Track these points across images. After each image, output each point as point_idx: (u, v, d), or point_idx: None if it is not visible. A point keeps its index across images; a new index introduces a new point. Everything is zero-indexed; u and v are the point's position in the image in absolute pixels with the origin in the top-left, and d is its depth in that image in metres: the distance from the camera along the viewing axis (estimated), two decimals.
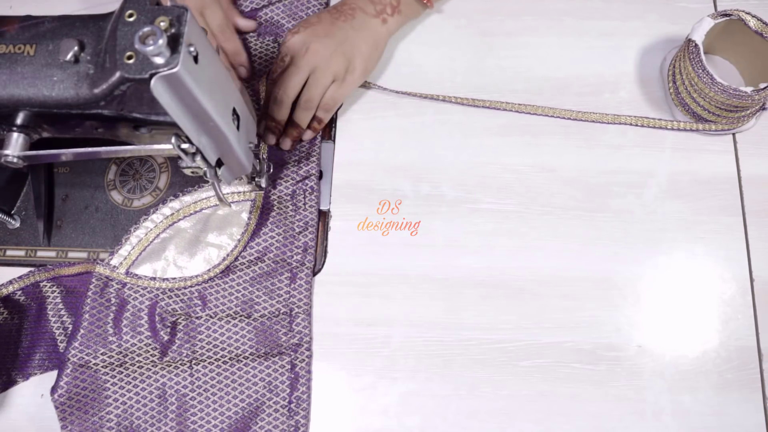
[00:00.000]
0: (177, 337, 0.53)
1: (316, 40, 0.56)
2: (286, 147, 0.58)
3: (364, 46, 0.58)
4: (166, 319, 0.54)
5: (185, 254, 0.55)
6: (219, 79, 0.42)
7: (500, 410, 0.52)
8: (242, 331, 0.54)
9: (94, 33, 0.39)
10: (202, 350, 0.53)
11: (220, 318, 0.54)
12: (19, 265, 0.58)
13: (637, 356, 0.52)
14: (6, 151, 0.42)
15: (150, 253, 0.55)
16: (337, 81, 0.57)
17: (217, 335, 0.54)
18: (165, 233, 0.56)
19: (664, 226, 0.56)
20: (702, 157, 0.58)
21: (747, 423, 0.50)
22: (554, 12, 0.63)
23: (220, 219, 0.56)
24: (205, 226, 0.56)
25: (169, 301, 0.54)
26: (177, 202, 0.56)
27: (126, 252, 0.55)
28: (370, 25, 0.58)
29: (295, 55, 0.56)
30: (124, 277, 0.54)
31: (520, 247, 0.56)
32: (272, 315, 0.54)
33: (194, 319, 0.54)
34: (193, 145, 0.42)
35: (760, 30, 0.53)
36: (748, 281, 0.54)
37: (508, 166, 0.58)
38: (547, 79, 0.61)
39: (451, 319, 0.54)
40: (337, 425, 0.52)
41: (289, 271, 0.55)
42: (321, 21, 0.57)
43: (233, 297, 0.55)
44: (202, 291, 0.55)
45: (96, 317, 0.53)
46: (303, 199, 0.57)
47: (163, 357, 0.53)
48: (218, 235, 0.56)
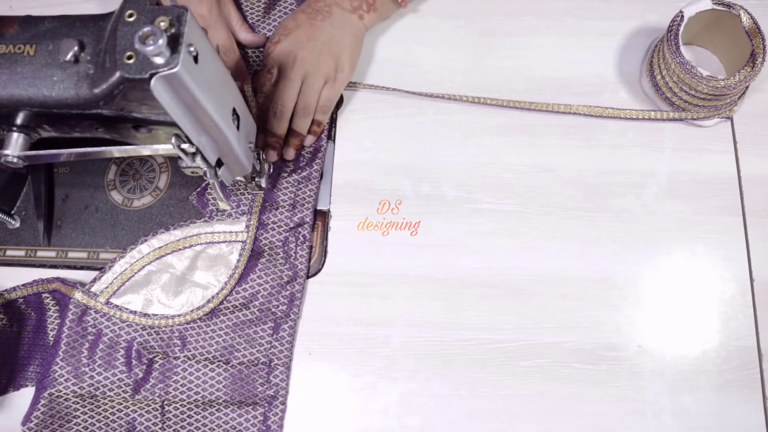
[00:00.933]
0: (152, 376, 0.52)
1: (300, 46, 0.55)
2: (290, 157, 0.58)
3: (347, 42, 0.58)
4: (143, 355, 0.52)
5: (170, 291, 0.54)
6: (219, 79, 0.42)
7: (500, 410, 0.52)
8: (219, 377, 0.52)
9: (94, 33, 0.39)
10: (176, 392, 0.52)
11: (198, 361, 0.53)
12: (19, 265, 0.58)
13: (637, 356, 0.52)
14: (6, 151, 0.42)
15: (133, 285, 0.54)
16: (330, 82, 0.57)
17: (192, 378, 0.52)
18: (151, 266, 0.55)
19: (664, 226, 0.56)
20: (702, 157, 0.58)
21: (747, 423, 0.50)
22: (554, 12, 0.63)
23: (209, 258, 0.55)
24: (193, 263, 0.55)
25: (147, 337, 0.53)
26: (167, 235, 0.55)
27: (108, 280, 0.54)
28: (349, 20, 0.58)
29: (282, 65, 0.56)
30: (103, 307, 0.53)
31: (520, 247, 0.56)
32: (251, 364, 0.53)
33: (171, 359, 0.53)
34: (193, 145, 0.42)
35: (748, 29, 0.53)
36: (748, 281, 0.54)
37: (508, 166, 0.58)
38: (547, 79, 0.61)
39: (451, 319, 0.54)
40: (337, 425, 0.52)
41: (273, 321, 0.54)
42: (300, 25, 0.57)
43: (213, 341, 0.53)
44: (183, 331, 0.54)
45: (71, 346, 0.52)
46: (294, 248, 0.55)
47: (135, 394, 0.52)
48: (205, 275, 0.55)
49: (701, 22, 0.56)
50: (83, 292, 0.53)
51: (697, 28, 0.56)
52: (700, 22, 0.56)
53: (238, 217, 0.56)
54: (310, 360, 0.54)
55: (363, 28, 0.59)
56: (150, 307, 0.54)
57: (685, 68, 0.53)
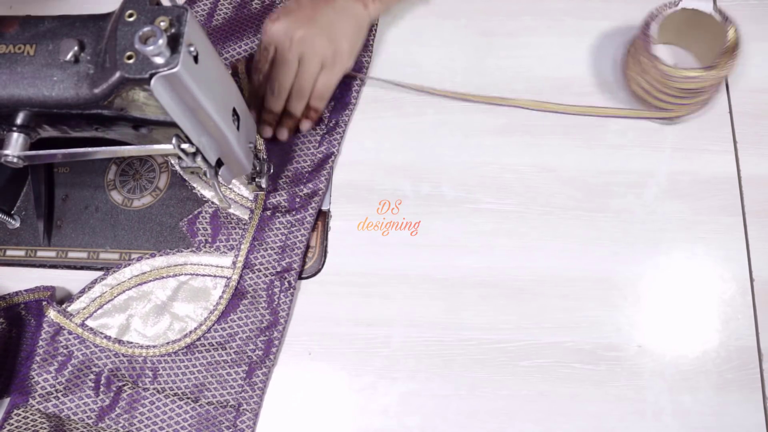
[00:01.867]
0: (118, 405, 0.51)
1: (299, 27, 0.54)
2: (283, 137, 0.57)
3: (349, 29, 0.57)
4: (113, 382, 0.52)
5: (148, 320, 0.54)
6: (219, 79, 0.42)
7: (500, 410, 0.51)
8: (185, 414, 0.51)
9: (94, 33, 0.39)
10: (140, 424, 0.51)
11: (167, 395, 0.52)
12: (19, 265, 0.58)
13: (637, 356, 0.52)
14: (6, 151, 0.42)
15: (111, 310, 0.54)
16: (327, 67, 0.56)
17: (159, 412, 0.51)
18: (132, 291, 0.54)
19: (664, 226, 0.56)
20: (702, 157, 0.58)
21: (747, 423, 0.50)
22: (554, 12, 0.63)
23: (192, 291, 0.55)
24: (175, 294, 0.54)
25: (119, 364, 0.52)
26: (153, 260, 0.55)
27: (86, 302, 0.53)
28: (353, 9, 0.57)
29: (279, 45, 0.55)
30: (77, 329, 0.52)
31: (520, 247, 0.56)
32: (219, 405, 0.51)
33: (141, 389, 0.52)
34: (193, 145, 0.42)
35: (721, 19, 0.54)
36: (748, 281, 0.54)
37: (508, 166, 0.58)
38: (547, 79, 0.61)
39: (451, 319, 0.54)
40: (337, 425, 0.52)
41: (248, 365, 0.52)
42: (301, 6, 0.56)
43: (185, 377, 0.52)
44: (156, 363, 0.53)
45: (40, 365, 0.51)
46: (279, 293, 0.54)
47: (99, 422, 0.51)
48: (186, 307, 0.54)
49: (677, 22, 0.56)
50: (58, 312, 0.53)
51: (674, 28, 0.57)
52: (677, 22, 0.56)
53: (225, 252, 0.55)
54: (310, 360, 0.54)
55: (367, 17, 0.58)
56: (126, 334, 0.53)
57: (651, 59, 0.53)
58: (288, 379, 0.54)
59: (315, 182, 0.57)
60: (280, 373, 0.54)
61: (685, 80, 0.53)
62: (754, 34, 0.61)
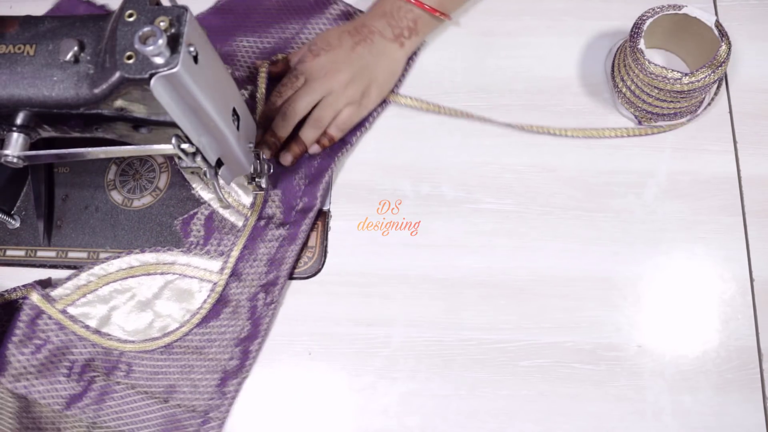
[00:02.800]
0: (87, 395, 0.51)
1: (335, 65, 0.56)
2: (287, 163, 0.57)
3: (382, 74, 0.58)
4: (86, 372, 0.51)
5: (129, 315, 0.54)
6: (219, 79, 0.42)
7: (500, 410, 0.51)
8: (153, 413, 0.51)
9: (94, 33, 0.39)
10: (107, 417, 0.51)
11: (138, 392, 0.51)
12: (19, 265, 0.58)
13: (637, 356, 0.52)
14: (6, 151, 0.42)
15: (93, 300, 0.54)
16: (352, 105, 0.57)
17: (127, 407, 0.51)
18: (117, 284, 0.54)
19: (664, 226, 0.56)
20: (702, 157, 0.58)
21: (747, 423, 0.50)
22: (554, 12, 0.63)
23: (178, 291, 0.54)
24: (160, 292, 0.54)
25: (95, 355, 0.52)
26: (142, 256, 0.55)
27: (70, 289, 0.53)
28: (388, 50, 0.58)
29: (310, 76, 0.56)
30: (58, 315, 0.52)
31: (520, 247, 0.56)
32: (188, 409, 0.51)
33: (113, 383, 0.51)
34: (193, 145, 0.42)
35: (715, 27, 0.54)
36: (748, 281, 0.54)
37: (508, 166, 0.58)
38: (547, 79, 0.61)
39: (451, 319, 0.54)
40: (337, 425, 0.52)
41: (223, 373, 0.52)
42: (342, 45, 0.57)
43: (158, 377, 0.52)
44: (132, 358, 0.52)
45: (17, 346, 0.51)
46: (262, 306, 0.53)
47: (66, 410, 0.51)
48: (169, 306, 0.54)
49: (667, 26, 0.56)
50: (42, 296, 0.53)
51: (663, 32, 0.57)
52: (666, 26, 0.56)
53: (215, 257, 0.55)
54: (310, 360, 0.54)
55: (403, 56, 0.59)
56: (106, 325, 0.53)
57: (639, 64, 0.53)
58: (288, 379, 0.54)
59: (310, 198, 0.56)
60: (280, 373, 0.54)
61: (667, 82, 0.53)
62: (754, 34, 0.62)
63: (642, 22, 0.55)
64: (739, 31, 0.61)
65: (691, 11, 0.54)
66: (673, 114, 0.56)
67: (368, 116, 0.59)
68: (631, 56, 0.54)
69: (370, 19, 0.59)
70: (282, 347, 0.54)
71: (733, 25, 0.61)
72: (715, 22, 0.54)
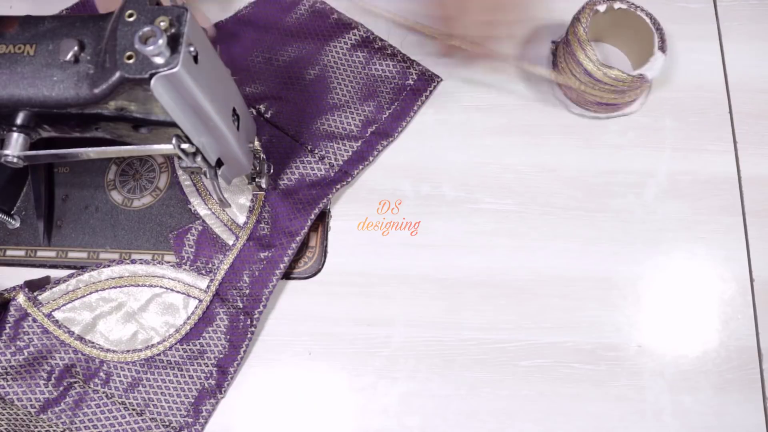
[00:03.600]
0: (64, 401, 0.51)
1: None
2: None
3: None
4: (65, 377, 0.52)
5: (114, 325, 0.54)
6: (219, 78, 0.42)
7: (500, 410, 0.51)
8: (126, 425, 0.51)
9: (94, 33, 0.39)
10: (81, 424, 0.51)
11: (114, 402, 0.52)
12: (19, 265, 0.58)
13: (637, 356, 0.52)
14: (6, 151, 0.42)
15: (79, 306, 0.54)
16: None
17: (102, 416, 0.51)
18: (105, 293, 0.54)
19: (664, 226, 0.56)
20: (702, 157, 0.58)
21: (747, 423, 0.50)
22: (556, 12, 0.63)
23: (164, 305, 0.54)
24: (147, 304, 0.54)
25: (76, 362, 0.52)
26: (132, 267, 0.55)
27: (58, 294, 0.53)
28: None
29: None
30: (43, 319, 0.52)
31: (520, 247, 0.56)
32: (162, 424, 0.51)
33: (90, 390, 0.52)
34: (193, 145, 0.42)
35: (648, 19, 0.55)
36: (748, 281, 0.54)
37: (508, 166, 0.58)
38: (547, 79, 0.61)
39: (451, 319, 0.54)
40: (337, 425, 0.52)
41: (199, 392, 0.52)
42: None
43: (136, 389, 0.52)
44: (112, 368, 0.52)
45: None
46: (241, 329, 0.53)
47: (41, 413, 0.51)
48: (154, 319, 0.54)
49: (608, 19, 0.57)
50: (28, 298, 0.53)
51: (604, 25, 0.57)
52: (607, 19, 0.57)
53: (204, 274, 0.55)
54: (310, 360, 0.54)
55: None
56: (89, 333, 0.53)
57: (575, 60, 0.54)
58: (288, 379, 0.54)
59: (300, 223, 0.55)
60: (280, 373, 0.54)
61: (606, 77, 0.54)
62: (754, 34, 0.62)
63: (580, 15, 0.56)
64: (739, 31, 0.61)
65: (624, 4, 0.56)
66: (606, 105, 0.57)
67: (371, 150, 0.59)
68: (565, 49, 0.55)
69: None
70: (282, 347, 0.54)
71: (733, 25, 0.62)
72: (651, 19, 0.55)
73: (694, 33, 0.61)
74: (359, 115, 0.59)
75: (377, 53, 0.61)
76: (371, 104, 0.60)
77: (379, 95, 0.60)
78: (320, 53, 0.61)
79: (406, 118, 0.60)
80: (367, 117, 0.59)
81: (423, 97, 0.60)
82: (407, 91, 0.60)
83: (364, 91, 0.60)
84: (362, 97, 0.60)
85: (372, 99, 0.60)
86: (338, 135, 0.59)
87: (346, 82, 0.60)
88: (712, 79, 0.60)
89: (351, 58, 0.61)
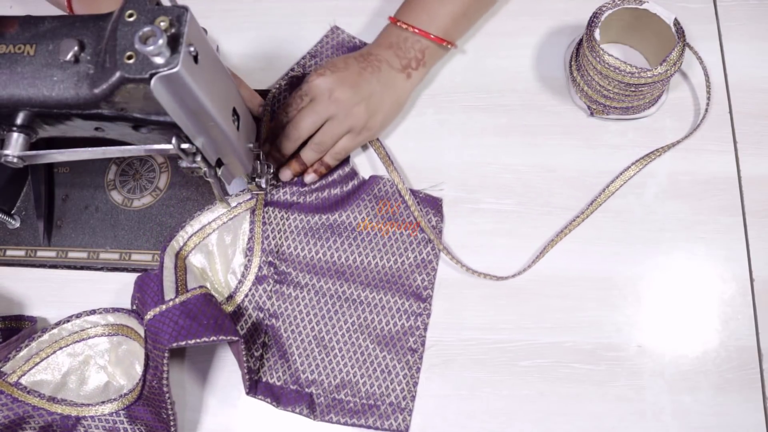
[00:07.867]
0: None
1: (341, 88, 0.54)
2: (285, 178, 0.56)
3: (387, 105, 0.57)
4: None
5: (84, 379, 0.53)
6: (219, 79, 0.42)
7: (500, 410, 0.51)
8: None
9: (94, 33, 0.39)
10: None
11: None
12: (19, 265, 0.58)
13: (637, 356, 0.52)
14: (6, 151, 0.42)
15: (46, 367, 0.53)
16: (353, 132, 0.55)
17: None
18: (69, 348, 0.53)
19: (664, 226, 0.56)
20: (702, 157, 0.58)
21: (747, 423, 0.50)
22: (554, 12, 0.63)
23: (128, 352, 0.53)
24: (114, 353, 0.53)
25: (51, 422, 0.51)
26: (98, 317, 0.54)
27: (22, 361, 0.52)
28: (395, 81, 0.57)
29: (316, 97, 0.54)
30: (12, 389, 0.51)
31: (520, 247, 0.56)
32: None
33: None
34: (193, 145, 0.42)
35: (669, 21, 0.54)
36: (748, 281, 0.54)
37: (508, 166, 0.58)
38: (547, 79, 0.61)
39: (451, 319, 0.54)
40: (336, 425, 0.52)
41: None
42: (348, 68, 0.55)
43: None
44: (90, 421, 0.51)
45: None
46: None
47: None
48: (122, 370, 0.53)
49: (628, 20, 0.56)
50: None
51: (624, 26, 0.57)
52: (627, 20, 0.56)
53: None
54: None
55: (409, 87, 0.58)
56: (60, 391, 0.52)
57: (594, 54, 0.54)
58: None
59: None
60: None
61: (618, 73, 0.53)
62: (754, 34, 0.62)
63: (601, 13, 0.55)
64: (739, 31, 0.61)
65: (652, 7, 0.55)
66: (625, 108, 0.57)
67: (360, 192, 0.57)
68: (587, 46, 0.55)
69: (377, 49, 0.57)
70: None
71: (733, 25, 0.62)
72: (674, 20, 0.54)
73: (694, 33, 0.61)
74: None
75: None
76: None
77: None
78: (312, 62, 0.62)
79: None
80: None
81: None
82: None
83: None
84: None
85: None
86: None
87: None
88: (712, 79, 0.60)
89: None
